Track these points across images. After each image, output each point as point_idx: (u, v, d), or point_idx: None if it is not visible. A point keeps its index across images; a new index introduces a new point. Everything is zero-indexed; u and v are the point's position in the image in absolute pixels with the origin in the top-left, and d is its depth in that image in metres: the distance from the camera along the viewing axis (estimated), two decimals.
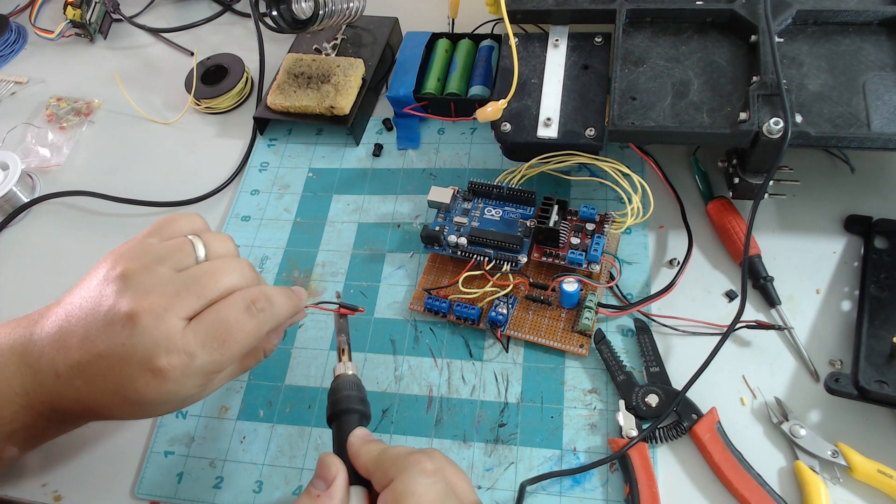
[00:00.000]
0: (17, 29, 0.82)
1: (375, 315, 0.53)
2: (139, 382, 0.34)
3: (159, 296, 0.34)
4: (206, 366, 0.35)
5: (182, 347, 0.34)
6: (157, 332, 0.34)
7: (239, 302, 0.36)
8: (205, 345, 0.35)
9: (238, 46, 0.73)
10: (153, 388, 0.34)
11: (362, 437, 0.36)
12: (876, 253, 0.48)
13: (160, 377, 0.34)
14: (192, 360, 0.34)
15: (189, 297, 0.35)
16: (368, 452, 0.34)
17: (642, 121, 0.48)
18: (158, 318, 0.34)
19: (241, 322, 0.36)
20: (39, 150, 0.69)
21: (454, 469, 0.35)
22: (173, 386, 0.35)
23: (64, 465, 0.50)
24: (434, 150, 0.62)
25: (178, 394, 0.35)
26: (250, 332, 0.36)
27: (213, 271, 0.37)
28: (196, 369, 0.35)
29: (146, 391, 0.35)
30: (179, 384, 0.35)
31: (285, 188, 0.62)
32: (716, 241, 0.52)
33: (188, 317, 0.35)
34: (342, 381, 0.39)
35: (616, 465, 0.44)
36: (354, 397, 0.38)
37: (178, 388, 0.35)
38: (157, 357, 0.34)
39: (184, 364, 0.34)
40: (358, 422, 0.37)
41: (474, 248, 0.51)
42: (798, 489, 0.42)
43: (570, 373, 0.48)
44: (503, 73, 0.55)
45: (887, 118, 0.45)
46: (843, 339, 0.46)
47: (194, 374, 0.35)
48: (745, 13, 0.50)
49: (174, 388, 0.35)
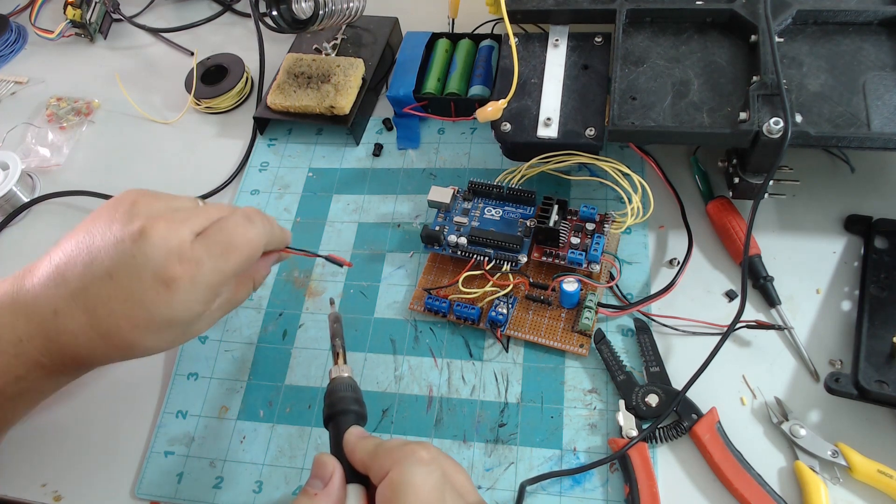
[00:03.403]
0: (18, 29, 0.82)
1: (375, 315, 0.53)
2: (149, 296, 0.36)
3: (170, 215, 0.38)
4: (212, 274, 0.37)
5: (191, 256, 0.37)
6: (170, 243, 0.36)
7: (239, 214, 0.40)
8: (210, 253, 0.38)
9: (238, 46, 0.73)
10: (163, 301, 0.36)
11: (358, 435, 0.36)
12: (876, 253, 0.48)
13: (171, 287, 0.36)
14: (199, 268, 0.37)
15: (198, 218, 0.39)
16: (364, 447, 0.35)
17: (642, 121, 0.48)
18: (170, 230, 0.37)
19: (243, 231, 0.39)
20: (39, 150, 0.69)
21: (452, 463, 0.35)
22: (182, 297, 0.36)
23: (64, 465, 0.50)
24: (434, 150, 0.62)
25: (185, 309, 0.37)
26: (251, 239, 0.40)
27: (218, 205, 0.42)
28: (203, 278, 0.37)
29: (156, 305, 0.36)
30: (188, 295, 0.37)
31: (285, 188, 0.62)
32: (716, 241, 0.52)
33: (195, 231, 0.38)
34: (338, 384, 0.39)
35: (616, 465, 0.44)
36: (350, 398, 0.38)
37: (186, 299, 0.37)
38: (169, 265, 0.36)
39: (192, 273, 0.36)
40: (354, 422, 0.37)
41: (474, 248, 0.51)
42: (798, 489, 0.42)
43: (570, 373, 0.48)
44: (503, 73, 0.55)
45: (887, 118, 0.45)
46: (843, 339, 0.46)
47: (201, 284, 0.37)
48: (745, 13, 0.50)
49: (183, 299, 0.36)
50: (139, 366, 0.54)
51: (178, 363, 0.53)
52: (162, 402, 0.52)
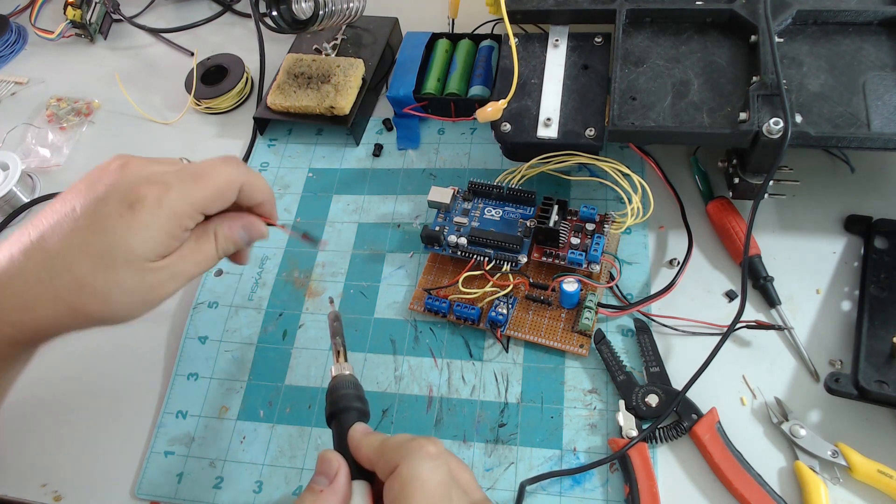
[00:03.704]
0: (18, 29, 0.82)
1: (375, 315, 0.53)
2: (112, 217, 0.35)
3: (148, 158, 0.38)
4: (179, 198, 0.36)
5: (161, 179, 0.36)
6: (141, 171, 0.36)
7: (215, 158, 0.40)
8: (181, 178, 0.37)
9: (238, 46, 0.73)
10: (126, 221, 0.35)
11: (363, 431, 0.36)
12: (876, 253, 0.48)
13: (134, 207, 0.35)
14: (167, 190, 0.36)
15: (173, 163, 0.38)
16: (370, 443, 0.34)
17: (642, 121, 0.48)
18: (145, 166, 0.37)
19: (216, 165, 0.39)
20: (39, 151, 0.69)
21: (457, 460, 0.35)
22: (145, 218, 0.35)
23: (64, 465, 0.50)
24: (434, 150, 0.62)
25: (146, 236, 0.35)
26: (224, 173, 0.39)
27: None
28: (169, 201, 0.36)
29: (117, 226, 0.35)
30: (151, 218, 0.35)
31: (285, 188, 0.62)
32: (716, 241, 0.52)
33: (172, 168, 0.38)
34: (340, 381, 0.39)
35: (616, 465, 0.44)
36: (352, 395, 0.38)
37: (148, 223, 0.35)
38: (137, 186, 0.35)
39: (159, 193, 0.36)
40: (357, 418, 0.37)
41: (474, 248, 0.51)
42: (798, 489, 0.42)
43: (570, 373, 0.48)
44: (503, 73, 0.55)
45: (887, 118, 0.45)
46: (843, 339, 0.46)
47: (167, 207, 0.36)
48: (745, 13, 0.50)
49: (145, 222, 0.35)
50: (139, 366, 0.54)
51: (178, 363, 0.53)
52: (162, 402, 0.52)
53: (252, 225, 0.42)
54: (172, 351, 0.54)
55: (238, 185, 0.39)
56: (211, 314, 0.55)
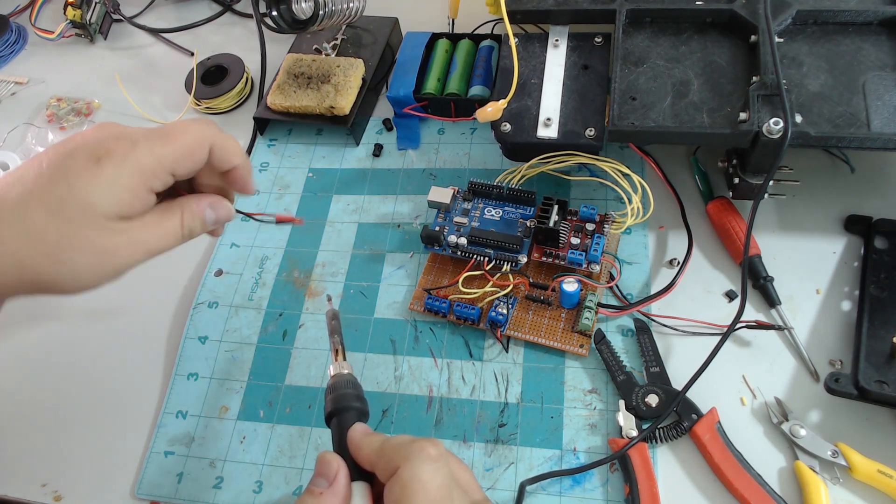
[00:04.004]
0: (18, 29, 0.82)
1: (375, 315, 0.53)
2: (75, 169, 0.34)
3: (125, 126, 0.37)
4: (146, 155, 0.35)
5: (129, 136, 0.35)
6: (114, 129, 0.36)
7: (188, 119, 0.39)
8: (149, 136, 0.36)
9: (238, 46, 0.73)
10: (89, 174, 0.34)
11: (362, 432, 0.36)
12: (876, 253, 0.48)
13: (100, 162, 0.34)
14: (134, 146, 0.35)
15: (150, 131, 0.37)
16: (370, 444, 0.34)
17: (642, 121, 0.48)
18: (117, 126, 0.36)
19: (186, 125, 0.38)
20: (40, 151, 0.69)
21: (457, 461, 0.35)
22: (110, 172, 0.34)
23: (64, 465, 0.50)
24: (434, 150, 0.62)
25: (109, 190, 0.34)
26: (192, 131, 0.37)
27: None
28: (136, 157, 0.35)
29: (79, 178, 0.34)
30: (116, 171, 0.34)
31: (285, 188, 0.62)
32: (716, 241, 0.52)
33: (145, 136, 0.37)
34: (339, 380, 0.39)
35: (616, 465, 0.44)
36: (351, 395, 0.38)
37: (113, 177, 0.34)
38: (104, 142, 0.35)
39: (125, 149, 0.35)
40: (356, 418, 0.37)
41: (474, 248, 0.51)
42: (798, 489, 0.42)
43: (570, 373, 0.48)
44: (503, 73, 0.55)
45: (887, 118, 0.45)
46: (843, 339, 0.46)
47: (133, 162, 0.35)
48: (745, 13, 0.50)
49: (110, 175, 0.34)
50: (139, 366, 0.54)
51: (178, 363, 0.53)
52: (162, 402, 0.52)
53: (219, 203, 0.41)
54: (172, 351, 0.54)
55: (208, 143, 0.38)
56: (211, 314, 0.55)
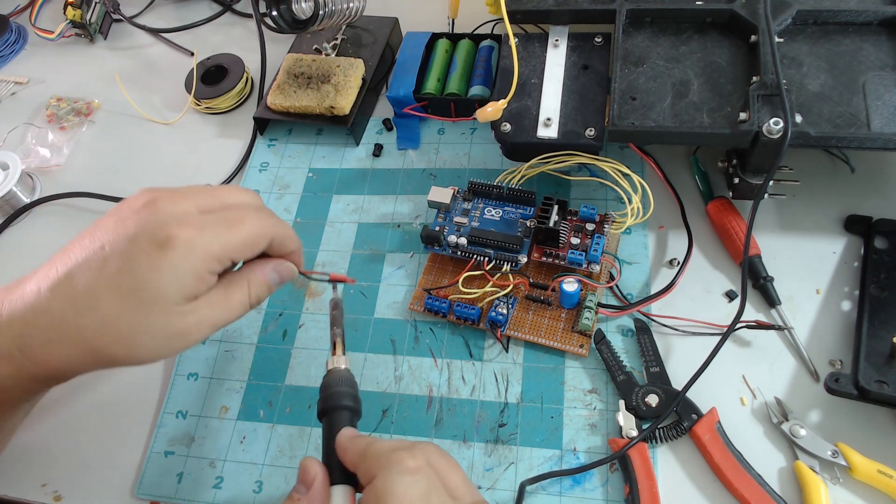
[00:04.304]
0: (18, 29, 0.82)
1: (375, 315, 0.53)
2: (140, 257, 0.34)
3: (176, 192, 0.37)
4: (211, 243, 0.35)
5: (194, 221, 0.35)
6: (173, 209, 0.35)
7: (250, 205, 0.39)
8: (215, 223, 0.36)
9: (238, 46, 0.73)
10: (154, 262, 0.34)
11: (349, 435, 0.36)
12: (876, 253, 0.48)
13: (165, 248, 0.34)
14: (200, 233, 0.35)
15: (205, 197, 0.37)
16: (355, 448, 0.34)
17: (642, 121, 0.48)
18: (174, 202, 0.36)
19: (250, 214, 0.38)
20: (40, 151, 0.69)
21: (447, 463, 0.35)
22: (176, 261, 0.34)
23: (64, 465, 0.50)
24: (434, 150, 0.62)
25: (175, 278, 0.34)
26: (256, 223, 0.38)
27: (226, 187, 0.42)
28: (202, 244, 0.35)
29: (145, 266, 0.34)
30: (182, 259, 0.34)
31: (285, 188, 0.62)
32: (716, 241, 0.52)
33: (202, 209, 0.37)
34: (334, 377, 0.38)
35: (616, 465, 0.44)
36: (345, 393, 0.38)
37: (178, 265, 0.34)
38: (167, 226, 0.34)
39: (191, 235, 0.35)
40: (348, 419, 0.37)
41: (474, 248, 0.51)
42: (798, 489, 0.42)
43: (570, 373, 0.48)
44: (503, 73, 0.55)
45: (887, 118, 0.45)
46: (843, 339, 0.46)
47: (199, 249, 0.35)
48: (745, 13, 0.50)
49: (175, 264, 0.34)
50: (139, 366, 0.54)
51: (178, 363, 0.53)
52: (162, 402, 0.52)
53: (283, 266, 0.41)
54: None
55: (270, 236, 0.39)
56: None
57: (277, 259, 0.41)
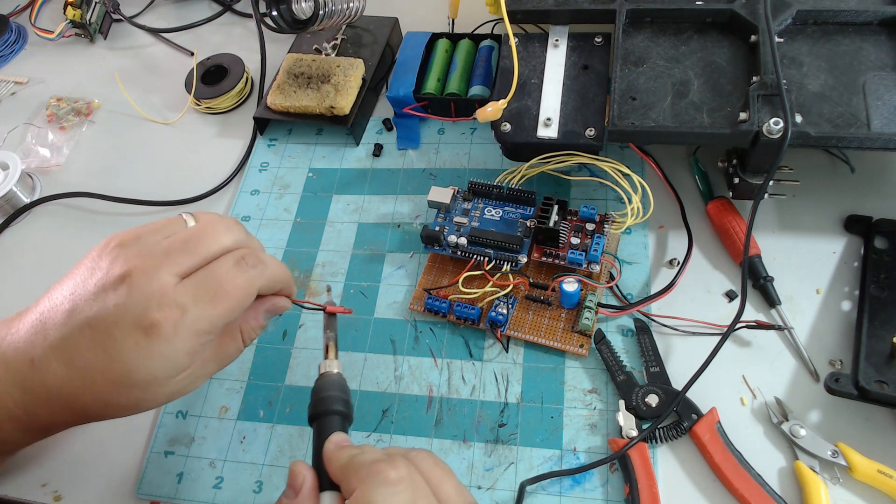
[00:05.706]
0: (17, 29, 0.82)
1: (375, 315, 0.53)
2: (128, 345, 0.34)
3: (151, 256, 0.35)
4: (197, 321, 0.35)
5: (174, 300, 0.34)
6: (150, 288, 0.34)
7: (229, 259, 0.37)
8: (196, 298, 0.35)
9: (238, 46, 0.73)
10: (143, 351, 0.34)
11: (337, 443, 0.35)
12: (876, 253, 0.48)
13: (151, 334, 0.34)
14: (183, 314, 0.34)
15: (179, 255, 0.36)
16: (339, 458, 0.34)
17: (642, 121, 0.48)
18: (150, 275, 0.34)
19: (232, 276, 0.36)
20: (39, 151, 0.69)
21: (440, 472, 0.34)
22: (163, 346, 0.34)
23: (64, 465, 0.50)
24: (434, 150, 0.62)
25: (166, 360, 0.35)
26: (240, 285, 0.36)
27: (203, 229, 0.37)
28: (187, 325, 0.35)
29: (135, 356, 0.34)
30: (170, 344, 0.34)
31: (285, 188, 0.62)
32: (716, 241, 0.52)
33: (180, 274, 0.35)
34: (325, 381, 0.38)
35: (616, 465, 0.44)
36: (336, 398, 0.37)
37: (167, 349, 0.34)
38: (149, 311, 0.34)
39: (175, 318, 0.34)
40: (339, 424, 0.37)
41: (474, 248, 0.51)
42: (798, 489, 0.42)
43: (570, 373, 0.48)
44: (503, 73, 0.55)
45: (887, 118, 0.45)
46: (843, 339, 0.46)
47: (185, 331, 0.35)
48: (745, 13, 0.50)
49: (164, 349, 0.34)
50: None
51: None
52: None
53: (275, 305, 0.41)
54: None
55: (255, 291, 0.38)
56: None
57: (269, 299, 0.41)
